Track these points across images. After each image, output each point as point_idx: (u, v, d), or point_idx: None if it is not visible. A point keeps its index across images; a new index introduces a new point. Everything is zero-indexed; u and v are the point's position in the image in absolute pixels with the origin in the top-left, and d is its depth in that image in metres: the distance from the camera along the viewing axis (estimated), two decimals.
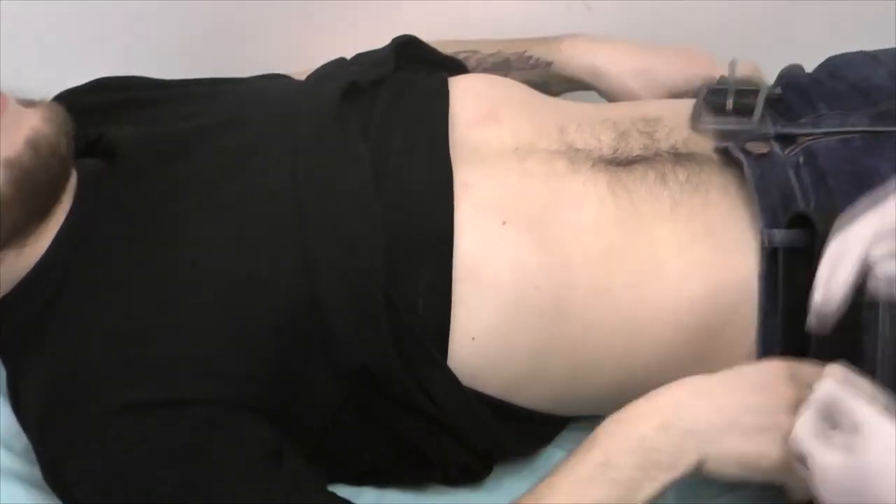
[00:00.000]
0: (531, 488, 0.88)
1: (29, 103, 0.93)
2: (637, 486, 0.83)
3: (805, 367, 0.85)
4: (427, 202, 0.94)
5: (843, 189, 0.93)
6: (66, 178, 0.94)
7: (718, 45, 1.13)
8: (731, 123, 1.00)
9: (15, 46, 1.31)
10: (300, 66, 1.16)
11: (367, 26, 1.24)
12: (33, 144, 0.89)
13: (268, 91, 1.07)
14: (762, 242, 0.92)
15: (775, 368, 0.85)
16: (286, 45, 1.34)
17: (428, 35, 1.16)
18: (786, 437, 0.81)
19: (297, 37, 1.34)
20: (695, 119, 1.01)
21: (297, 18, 1.35)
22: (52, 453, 0.90)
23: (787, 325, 0.91)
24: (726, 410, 0.84)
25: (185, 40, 1.33)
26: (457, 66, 1.15)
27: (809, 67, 1.12)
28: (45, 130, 0.90)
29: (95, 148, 1.01)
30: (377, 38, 1.14)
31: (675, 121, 1.01)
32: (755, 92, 1.02)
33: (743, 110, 1.01)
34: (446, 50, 1.17)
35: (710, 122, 1.00)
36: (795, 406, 0.82)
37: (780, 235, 0.92)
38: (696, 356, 0.94)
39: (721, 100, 1.02)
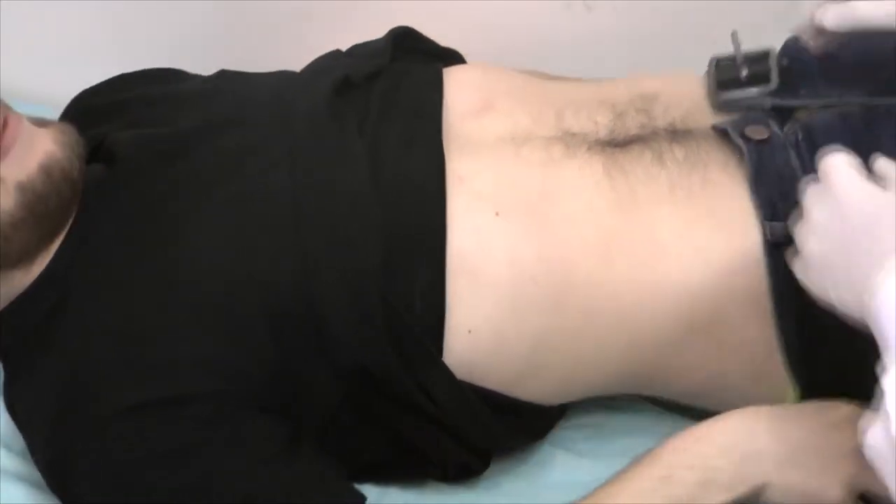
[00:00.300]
0: (589, 495, 0.89)
1: (41, 123, 0.93)
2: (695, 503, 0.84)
3: None
4: (421, 197, 0.93)
5: None
6: (77, 200, 0.94)
7: (718, 45, 1.13)
8: (752, 92, 0.99)
9: (16, 47, 1.31)
10: (300, 65, 1.16)
11: (367, 26, 1.24)
12: (46, 169, 0.90)
13: (266, 88, 1.07)
14: (765, 235, 0.92)
15: (846, 412, 0.86)
16: (286, 45, 1.34)
17: (426, 33, 1.16)
18: (847, 481, 0.83)
19: (297, 37, 1.34)
20: (712, 95, 1.00)
21: (297, 18, 1.35)
22: (52, 454, 0.90)
23: (801, 313, 0.90)
24: (793, 444, 0.85)
25: (185, 41, 1.33)
26: (454, 57, 1.15)
27: None
28: (58, 155, 0.91)
29: (99, 151, 1.01)
30: (376, 37, 1.14)
31: (673, 97, 1.00)
32: (763, 59, 1.01)
33: (757, 78, 1.00)
34: None
35: (731, 95, 1.00)
36: (859, 454, 0.83)
37: (780, 228, 0.91)
38: (704, 341, 0.93)
39: (732, 73, 1.01)
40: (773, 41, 1.15)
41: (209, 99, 1.05)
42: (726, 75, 1.01)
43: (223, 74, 1.12)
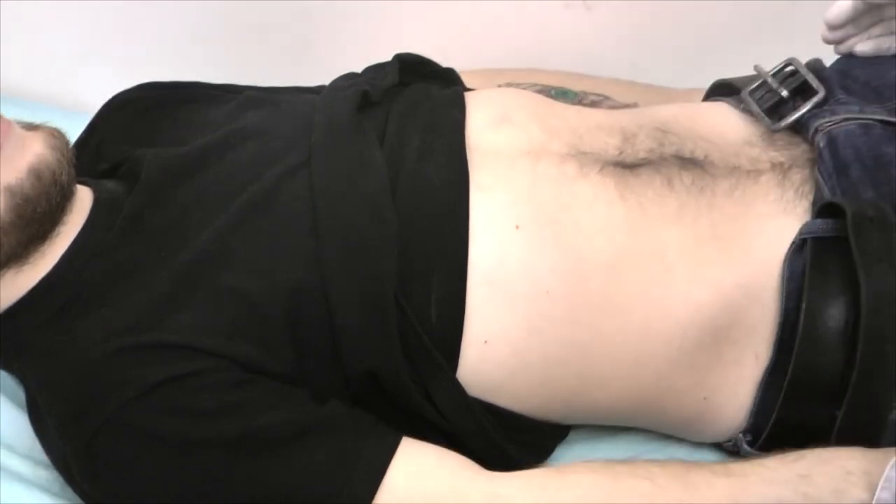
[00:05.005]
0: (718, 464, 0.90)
1: (31, 127, 0.93)
2: None
3: None
4: (442, 207, 0.94)
5: (865, 175, 0.93)
6: (67, 204, 0.94)
7: (718, 45, 1.13)
8: (807, 106, 0.98)
9: (16, 47, 1.31)
10: (299, 65, 1.16)
11: (367, 26, 1.24)
12: (36, 172, 0.89)
13: (285, 105, 1.07)
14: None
15: None
16: (286, 45, 1.34)
17: (427, 33, 1.16)
18: None
19: (298, 37, 1.34)
20: (768, 124, 0.99)
21: (297, 18, 1.35)
22: (72, 454, 0.89)
23: (809, 318, 0.90)
24: None
25: (186, 41, 1.34)
26: (452, 76, 1.15)
27: None
28: (48, 158, 0.90)
29: (119, 169, 1.01)
30: (377, 38, 1.15)
31: (682, 126, 1.01)
32: (793, 73, 1.00)
33: (799, 92, 0.99)
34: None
35: (789, 119, 0.98)
36: None
37: (807, 226, 0.92)
38: (703, 359, 0.94)
39: (773, 98, 1.00)
40: (774, 41, 1.15)
41: (230, 115, 1.05)
42: (769, 102, 1.00)
43: (248, 99, 1.12)
